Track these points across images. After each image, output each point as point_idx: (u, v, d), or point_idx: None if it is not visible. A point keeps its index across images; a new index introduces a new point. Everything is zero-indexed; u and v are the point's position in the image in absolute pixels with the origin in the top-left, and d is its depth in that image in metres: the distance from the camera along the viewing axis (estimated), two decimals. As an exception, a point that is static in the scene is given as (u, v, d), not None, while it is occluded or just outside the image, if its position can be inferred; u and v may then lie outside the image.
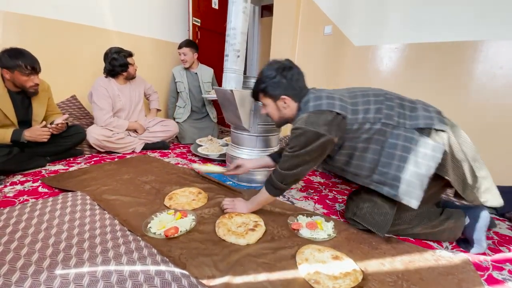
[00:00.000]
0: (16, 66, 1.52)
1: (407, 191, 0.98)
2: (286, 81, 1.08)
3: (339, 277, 0.82)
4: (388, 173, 1.01)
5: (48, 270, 0.76)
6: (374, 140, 1.02)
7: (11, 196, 1.31)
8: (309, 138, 0.98)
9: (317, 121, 0.97)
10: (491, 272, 0.95)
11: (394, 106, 1.03)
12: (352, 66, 2.54)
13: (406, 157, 0.98)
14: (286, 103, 1.11)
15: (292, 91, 1.09)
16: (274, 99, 1.12)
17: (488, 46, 1.89)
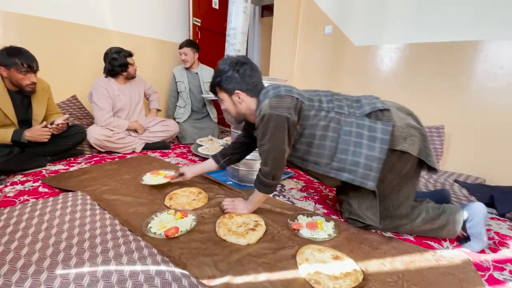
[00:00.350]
0: (13, 64, 1.52)
1: (364, 174, 1.04)
2: (238, 75, 1.09)
3: (339, 277, 0.82)
4: (347, 159, 1.06)
5: (48, 270, 0.76)
6: (331, 128, 1.07)
7: (11, 196, 1.31)
8: (276, 122, 0.99)
9: (279, 105, 1.00)
10: (492, 272, 0.95)
11: (342, 99, 1.12)
12: (352, 66, 2.54)
13: (360, 142, 1.04)
14: (240, 97, 1.12)
15: (245, 86, 1.10)
16: (229, 94, 1.13)
17: (488, 46, 1.88)
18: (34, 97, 1.70)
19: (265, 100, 1.02)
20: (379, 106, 1.07)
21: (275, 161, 1.05)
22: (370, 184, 1.03)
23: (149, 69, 2.87)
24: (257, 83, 1.13)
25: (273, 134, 1.00)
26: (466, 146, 2.01)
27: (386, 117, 1.05)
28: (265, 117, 1.00)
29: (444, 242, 1.13)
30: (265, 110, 1.00)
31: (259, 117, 1.02)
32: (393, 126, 1.02)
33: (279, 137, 1.01)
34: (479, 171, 1.92)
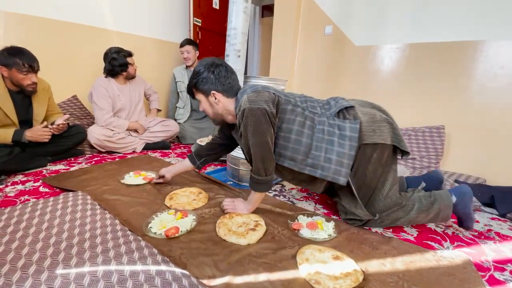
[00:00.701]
0: (14, 63, 1.52)
1: (336, 171, 1.08)
2: (214, 76, 1.11)
3: (339, 277, 0.82)
4: (320, 156, 1.10)
5: (49, 270, 0.76)
6: (307, 125, 1.11)
7: (12, 195, 1.31)
8: (256, 115, 0.99)
9: (257, 99, 1.01)
10: (492, 273, 0.94)
11: (314, 101, 1.18)
12: (353, 66, 2.54)
13: (331, 140, 1.09)
14: (216, 98, 1.13)
15: (221, 87, 1.13)
16: (205, 95, 1.15)
17: (488, 46, 1.88)
18: (34, 97, 1.70)
19: (243, 96, 1.03)
20: (345, 103, 1.13)
21: (262, 154, 1.05)
22: (341, 179, 1.08)
23: (149, 69, 2.87)
24: (233, 85, 1.15)
25: (255, 128, 1.01)
26: (467, 146, 2.01)
27: (352, 115, 1.12)
28: (245, 112, 1.00)
29: (445, 242, 1.13)
30: (244, 105, 1.00)
31: (239, 113, 1.03)
32: (360, 123, 1.09)
33: (261, 130, 1.01)
34: (480, 171, 1.92)
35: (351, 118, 1.11)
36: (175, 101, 2.85)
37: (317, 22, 2.69)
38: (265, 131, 1.02)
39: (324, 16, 2.63)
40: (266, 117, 1.00)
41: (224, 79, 1.12)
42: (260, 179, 1.09)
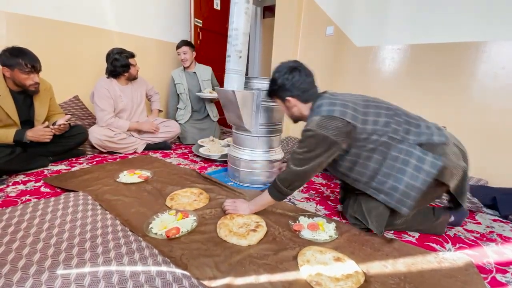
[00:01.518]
0: (16, 64, 1.52)
1: (400, 200, 1.04)
2: (288, 83, 1.14)
3: (341, 278, 0.82)
4: (386, 183, 1.06)
5: (49, 270, 0.76)
6: (378, 151, 1.06)
7: (13, 195, 1.32)
8: (319, 141, 1.01)
9: (328, 125, 1.00)
10: (494, 275, 0.94)
11: (401, 122, 1.07)
12: (354, 66, 2.54)
13: (404, 169, 1.03)
14: (292, 103, 1.17)
15: (296, 92, 1.14)
16: (281, 100, 1.20)
17: (490, 46, 1.88)
18: (36, 97, 1.71)
19: (316, 117, 1.03)
20: (435, 139, 1.04)
21: (300, 175, 1.06)
22: (404, 210, 1.03)
23: (151, 69, 2.87)
24: (308, 88, 1.15)
25: (312, 152, 1.02)
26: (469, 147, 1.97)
27: (439, 151, 1.02)
28: (309, 133, 1.01)
29: (446, 244, 1.12)
30: (311, 126, 1.01)
31: (304, 129, 1.04)
32: (443, 162, 0.99)
33: (315, 157, 1.02)
34: (482, 172, 1.91)
35: (435, 153, 1.01)
36: (175, 103, 2.85)
37: (318, 23, 2.68)
38: (319, 160, 1.03)
39: (325, 17, 2.62)
40: (328, 147, 1.01)
41: (299, 83, 1.13)
42: (282, 188, 1.09)
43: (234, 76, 1.43)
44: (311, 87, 1.17)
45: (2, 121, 1.57)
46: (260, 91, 1.51)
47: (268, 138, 1.62)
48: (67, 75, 2.29)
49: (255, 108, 1.54)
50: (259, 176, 1.64)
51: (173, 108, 2.86)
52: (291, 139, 2.92)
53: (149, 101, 2.64)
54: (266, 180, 1.66)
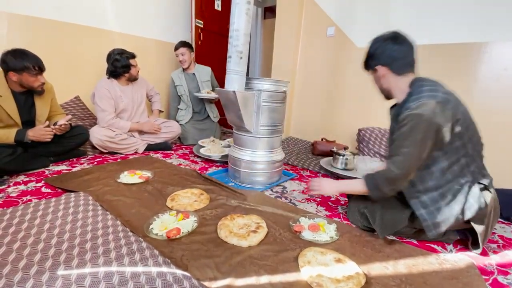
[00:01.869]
0: (24, 68, 1.53)
1: (436, 224, 1.01)
2: (380, 51, 1.07)
3: (342, 280, 0.81)
4: (437, 203, 1.02)
5: (50, 271, 0.76)
6: (452, 171, 1.00)
7: (14, 196, 1.32)
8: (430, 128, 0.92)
9: (442, 113, 0.92)
10: (496, 277, 0.93)
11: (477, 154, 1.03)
12: (355, 67, 2.52)
13: (461, 201, 1.00)
14: (380, 72, 1.09)
15: (386, 61, 1.06)
16: (372, 70, 1.14)
17: (492, 47, 1.87)
18: (37, 97, 1.71)
19: (431, 101, 0.93)
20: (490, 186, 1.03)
21: (406, 168, 0.97)
22: (431, 234, 1.01)
23: (152, 70, 2.88)
24: (402, 58, 1.04)
25: (420, 140, 0.93)
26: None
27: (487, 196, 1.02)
28: (421, 117, 0.91)
29: (448, 246, 1.12)
30: (425, 111, 0.91)
31: (412, 112, 0.94)
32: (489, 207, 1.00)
33: (424, 146, 0.94)
34: (483, 173, 1.90)
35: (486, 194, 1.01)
36: (176, 104, 2.84)
37: (319, 24, 2.69)
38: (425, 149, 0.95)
39: (326, 17, 2.63)
40: (435, 135, 0.94)
41: (390, 51, 1.04)
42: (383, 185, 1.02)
43: (235, 76, 1.44)
44: (407, 58, 1.05)
45: (3, 121, 1.58)
46: (261, 91, 1.51)
47: (268, 139, 1.62)
48: (67, 75, 2.30)
49: (256, 108, 1.54)
50: (259, 176, 1.64)
51: (174, 109, 2.86)
52: (292, 139, 2.92)
53: (149, 101, 2.64)
54: (266, 181, 1.66)
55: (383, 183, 1.03)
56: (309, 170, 2.05)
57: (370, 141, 2.37)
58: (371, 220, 1.11)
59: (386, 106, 1.26)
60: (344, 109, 2.68)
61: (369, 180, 1.07)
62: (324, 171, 2.01)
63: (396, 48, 1.04)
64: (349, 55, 2.55)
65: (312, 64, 2.82)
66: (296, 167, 2.12)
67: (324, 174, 1.97)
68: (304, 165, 2.13)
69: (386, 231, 1.08)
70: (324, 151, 2.42)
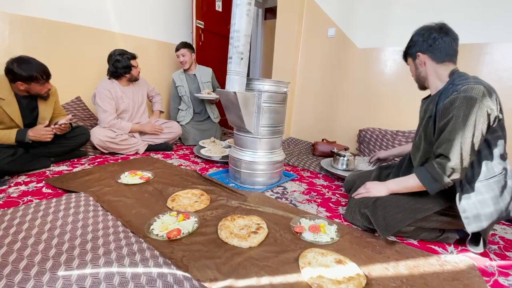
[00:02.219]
0: (33, 78, 1.55)
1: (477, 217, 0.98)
2: (422, 38, 1.08)
3: (342, 281, 0.81)
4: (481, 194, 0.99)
5: (50, 272, 0.76)
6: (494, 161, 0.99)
7: (15, 196, 1.32)
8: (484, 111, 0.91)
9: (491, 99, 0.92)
10: (497, 278, 0.93)
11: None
12: (356, 68, 2.54)
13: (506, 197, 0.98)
14: (421, 59, 1.10)
15: (428, 48, 1.07)
16: (412, 58, 1.15)
17: (493, 48, 1.87)
18: (41, 100, 1.72)
19: (479, 85, 0.92)
20: None
21: (462, 153, 0.92)
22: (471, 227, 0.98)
23: (152, 70, 2.88)
24: (443, 47, 1.04)
25: (474, 122, 0.89)
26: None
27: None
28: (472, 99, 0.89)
29: (449, 247, 1.11)
30: (475, 94, 0.90)
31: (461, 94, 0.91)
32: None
33: (479, 129, 0.90)
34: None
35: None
36: (177, 105, 2.85)
37: (319, 25, 2.69)
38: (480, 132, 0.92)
39: (327, 18, 2.63)
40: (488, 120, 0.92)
41: (433, 40, 1.05)
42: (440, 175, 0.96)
43: (235, 77, 1.44)
44: (449, 48, 1.05)
45: (5, 123, 1.58)
46: (262, 92, 1.51)
47: (269, 139, 1.62)
48: (69, 76, 2.30)
49: (256, 109, 1.54)
50: (260, 177, 1.64)
51: (174, 110, 2.86)
52: (292, 140, 2.92)
53: (150, 102, 2.65)
54: (267, 181, 1.66)
55: (441, 175, 0.96)
56: (310, 171, 2.05)
57: (370, 142, 2.37)
58: (373, 220, 1.11)
59: (386, 107, 1.26)
60: (345, 110, 2.68)
61: (423, 174, 1.02)
62: (324, 172, 2.01)
63: (439, 37, 1.04)
64: (349, 56, 2.55)
65: (313, 65, 2.82)
66: (297, 168, 2.12)
67: (324, 175, 1.97)
68: (305, 166, 2.13)
69: (388, 231, 1.07)
70: (325, 152, 2.42)
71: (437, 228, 1.13)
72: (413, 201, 1.08)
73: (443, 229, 1.13)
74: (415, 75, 1.17)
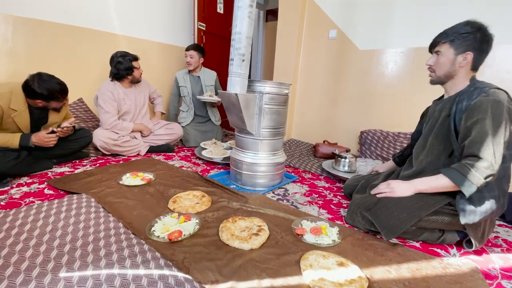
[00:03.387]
0: (54, 97, 1.59)
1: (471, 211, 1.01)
2: (479, 38, 1.02)
3: (344, 284, 0.81)
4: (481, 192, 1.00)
5: (52, 273, 0.76)
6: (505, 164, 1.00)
7: (17, 197, 1.32)
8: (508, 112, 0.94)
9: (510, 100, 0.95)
10: (500, 281, 0.93)
11: None
12: (357, 70, 2.54)
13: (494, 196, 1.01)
14: (467, 58, 1.04)
15: (477, 52, 1.03)
16: (456, 51, 1.05)
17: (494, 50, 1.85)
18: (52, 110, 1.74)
19: (501, 91, 0.97)
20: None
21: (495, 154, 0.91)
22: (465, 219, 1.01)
23: (154, 72, 2.89)
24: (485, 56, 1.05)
25: (504, 124, 0.91)
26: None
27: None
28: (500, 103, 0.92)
29: (451, 250, 1.11)
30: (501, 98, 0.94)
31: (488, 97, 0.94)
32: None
33: (508, 130, 0.92)
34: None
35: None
36: (176, 104, 2.85)
37: (321, 26, 2.69)
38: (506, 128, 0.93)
39: (328, 20, 2.63)
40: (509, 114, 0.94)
41: (487, 46, 1.02)
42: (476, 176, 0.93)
43: (237, 79, 1.44)
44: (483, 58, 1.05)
45: (12, 130, 1.60)
46: (263, 94, 1.51)
47: (270, 141, 1.62)
48: (71, 77, 2.29)
49: (258, 111, 1.54)
50: (261, 179, 1.64)
51: (174, 109, 2.86)
52: (293, 142, 2.92)
53: (152, 103, 2.66)
54: (268, 182, 1.66)
55: (475, 175, 0.94)
56: (311, 173, 2.05)
57: (372, 144, 2.36)
58: (376, 223, 1.10)
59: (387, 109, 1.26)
60: (346, 111, 2.67)
61: (455, 173, 0.98)
62: (326, 174, 2.00)
63: (490, 47, 1.03)
64: (351, 58, 2.55)
65: (314, 67, 2.83)
66: (298, 170, 2.11)
67: (326, 177, 1.97)
68: (306, 167, 2.13)
69: (393, 233, 1.06)
70: (326, 153, 2.42)
71: (438, 229, 1.13)
72: (415, 199, 1.08)
73: (443, 230, 1.13)
74: (445, 67, 1.08)
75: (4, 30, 1.92)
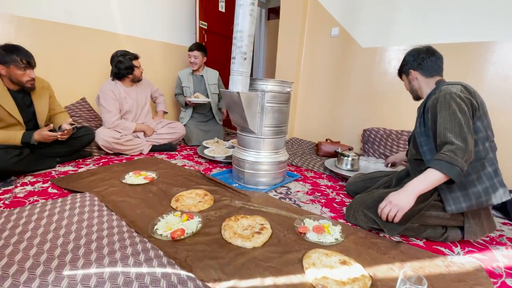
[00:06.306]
0: (12, 60, 1.53)
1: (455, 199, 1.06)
2: (413, 58, 1.26)
3: (347, 282, 0.81)
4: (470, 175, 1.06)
5: (56, 271, 0.77)
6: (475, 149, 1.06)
7: (21, 196, 1.33)
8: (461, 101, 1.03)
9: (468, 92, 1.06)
10: (504, 279, 0.92)
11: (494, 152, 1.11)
12: (360, 68, 2.52)
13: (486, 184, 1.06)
14: (413, 75, 1.26)
15: (418, 66, 1.24)
16: (406, 74, 1.31)
17: (500, 47, 1.85)
18: (35, 95, 1.71)
19: (456, 85, 1.08)
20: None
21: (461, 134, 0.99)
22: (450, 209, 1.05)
23: (156, 71, 2.90)
24: (431, 65, 1.22)
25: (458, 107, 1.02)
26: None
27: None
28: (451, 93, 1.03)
29: (455, 248, 1.10)
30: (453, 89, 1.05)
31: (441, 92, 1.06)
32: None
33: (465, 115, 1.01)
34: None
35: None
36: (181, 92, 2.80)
37: (323, 24, 2.68)
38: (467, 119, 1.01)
39: (331, 18, 2.62)
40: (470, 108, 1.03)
41: (421, 59, 1.23)
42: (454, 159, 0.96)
43: (239, 77, 1.44)
44: (435, 65, 1.22)
45: (5, 120, 1.59)
46: (265, 92, 1.51)
47: (273, 140, 1.62)
48: (74, 77, 2.32)
49: (260, 109, 1.54)
50: (263, 177, 1.63)
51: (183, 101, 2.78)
52: (296, 140, 2.91)
53: (154, 103, 2.66)
54: (271, 181, 1.66)
55: (454, 158, 0.97)
56: (314, 171, 2.05)
57: (375, 142, 2.35)
58: (379, 220, 1.10)
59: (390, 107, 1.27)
60: (349, 109, 2.66)
61: (438, 164, 1.00)
62: (328, 172, 2.00)
63: (426, 57, 1.22)
64: (353, 56, 2.54)
65: (316, 65, 2.81)
66: (301, 168, 2.11)
67: (328, 176, 1.96)
68: (309, 166, 2.13)
69: (394, 229, 1.08)
70: (329, 152, 2.41)
71: (440, 226, 1.13)
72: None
73: (445, 226, 1.13)
74: (409, 88, 1.33)
75: (7, 30, 1.93)
